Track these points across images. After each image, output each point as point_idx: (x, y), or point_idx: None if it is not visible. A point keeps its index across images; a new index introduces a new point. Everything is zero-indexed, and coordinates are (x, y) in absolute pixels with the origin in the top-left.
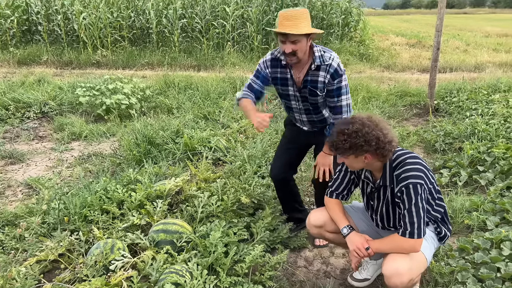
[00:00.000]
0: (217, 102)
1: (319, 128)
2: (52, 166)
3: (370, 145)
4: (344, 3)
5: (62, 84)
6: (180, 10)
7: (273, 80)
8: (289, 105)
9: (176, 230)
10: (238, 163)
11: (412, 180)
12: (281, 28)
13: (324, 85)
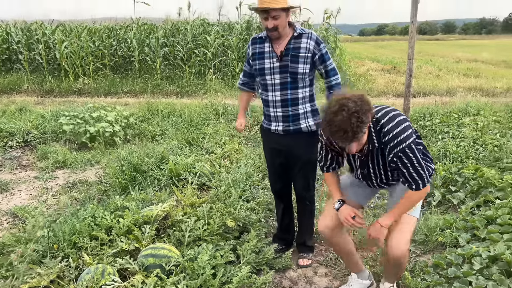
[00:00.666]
0: (200, 128)
1: (293, 128)
2: (36, 195)
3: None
4: (321, 32)
5: (45, 113)
6: (162, 38)
7: (252, 56)
8: (264, 86)
9: (165, 254)
10: (223, 188)
11: (404, 143)
12: (261, 5)
13: (308, 51)
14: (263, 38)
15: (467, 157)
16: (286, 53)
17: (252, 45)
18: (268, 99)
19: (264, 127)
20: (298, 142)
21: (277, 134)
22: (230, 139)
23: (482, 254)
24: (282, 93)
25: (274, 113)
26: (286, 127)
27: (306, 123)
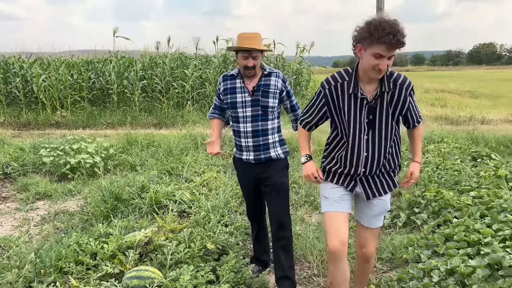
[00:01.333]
0: (179, 158)
1: (264, 157)
2: (18, 226)
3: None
4: (295, 65)
5: (23, 145)
6: (140, 71)
7: (224, 92)
8: (236, 118)
9: (148, 276)
10: (202, 214)
11: (412, 83)
12: (245, 45)
13: (276, 88)
14: (234, 75)
15: (430, 181)
16: (257, 89)
17: (224, 82)
18: (239, 130)
19: (236, 157)
20: (269, 169)
21: (249, 163)
22: (209, 168)
23: (440, 268)
24: (253, 124)
25: (245, 143)
26: (257, 156)
27: (275, 151)
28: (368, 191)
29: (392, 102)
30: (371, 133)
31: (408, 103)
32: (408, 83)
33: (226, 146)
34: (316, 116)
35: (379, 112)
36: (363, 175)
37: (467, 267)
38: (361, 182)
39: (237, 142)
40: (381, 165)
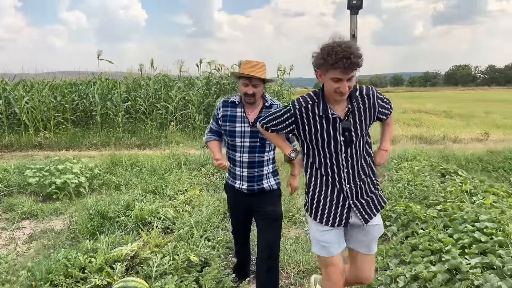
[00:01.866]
0: (163, 177)
1: (257, 188)
2: (5, 244)
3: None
4: (276, 87)
5: (7, 167)
6: (124, 93)
7: (222, 118)
8: (233, 147)
9: (135, 286)
10: (186, 229)
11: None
12: (246, 72)
13: None
14: (235, 103)
15: (401, 196)
16: (258, 120)
17: (223, 108)
18: (235, 159)
19: (229, 183)
20: (262, 199)
21: (241, 192)
22: (192, 186)
23: (406, 274)
24: (250, 155)
25: (240, 172)
26: (251, 187)
27: (268, 182)
28: (364, 214)
29: (365, 114)
30: (349, 150)
31: (380, 108)
32: (371, 90)
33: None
34: (280, 124)
35: (353, 128)
36: (353, 197)
37: (429, 272)
38: (356, 207)
39: (231, 169)
40: (364, 177)
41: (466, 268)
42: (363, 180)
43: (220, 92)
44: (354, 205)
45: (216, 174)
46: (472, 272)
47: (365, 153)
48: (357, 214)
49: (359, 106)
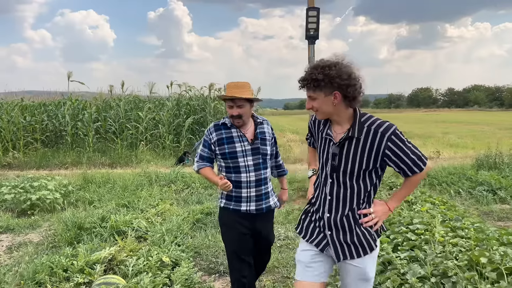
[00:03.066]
0: (135, 193)
1: (265, 206)
2: None
3: (342, 79)
4: None
5: None
6: (94, 114)
7: (218, 141)
8: (236, 168)
9: (114, 281)
10: (158, 235)
11: (393, 126)
12: (231, 94)
13: (269, 135)
14: (227, 125)
15: None
16: (256, 137)
17: (216, 132)
18: (241, 180)
19: (230, 209)
20: (266, 220)
21: (248, 215)
22: (163, 201)
23: None
24: (256, 173)
25: (247, 193)
26: (259, 206)
27: (273, 199)
28: (339, 249)
29: (363, 150)
30: (335, 178)
31: (389, 151)
32: (385, 127)
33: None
34: (310, 137)
35: (345, 158)
36: (331, 228)
37: None
38: (331, 239)
39: (235, 194)
40: (350, 213)
41: (396, 261)
42: (350, 215)
43: (190, 112)
44: (331, 237)
45: (186, 190)
46: (400, 263)
47: (361, 190)
48: (332, 248)
49: (359, 137)
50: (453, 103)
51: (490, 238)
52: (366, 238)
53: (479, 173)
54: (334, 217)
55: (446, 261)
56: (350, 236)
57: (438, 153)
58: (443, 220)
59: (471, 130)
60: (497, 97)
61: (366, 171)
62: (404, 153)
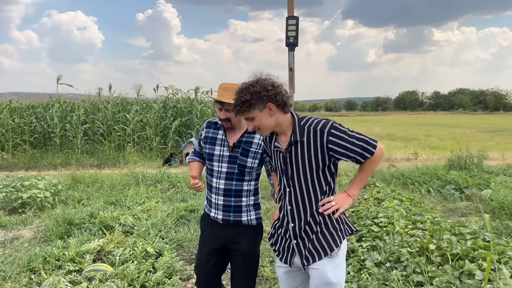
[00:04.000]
0: (122, 192)
1: (233, 220)
2: None
3: (267, 90)
4: None
5: None
6: (83, 116)
7: (204, 139)
8: (210, 171)
9: (103, 269)
10: (144, 229)
11: (330, 121)
12: (219, 97)
13: (259, 147)
14: (218, 125)
15: None
16: (237, 145)
17: (207, 128)
18: (212, 184)
19: (205, 211)
20: (240, 235)
21: (216, 223)
22: (149, 199)
23: None
24: (226, 182)
25: (215, 200)
26: (226, 217)
27: (247, 216)
28: (303, 256)
29: (310, 150)
30: (291, 186)
31: (333, 145)
32: (323, 123)
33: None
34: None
35: (295, 163)
36: (296, 237)
37: None
38: (298, 247)
39: (208, 197)
40: (311, 220)
41: (359, 249)
42: (311, 220)
43: (176, 115)
44: (297, 246)
45: (171, 189)
46: (361, 251)
47: (317, 192)
48: (298, 255)
49: (302, 140)
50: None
51: (443, 229)
52: (326, 240)
53: (449, 173)
54: (299, 226)
55: (401, 249)
56: (313, 242)
57: (416, 154)
58: (406, 215)
59: (452, 133)
60: (482, 100)
61: (318, 171)
62: (348, 142)
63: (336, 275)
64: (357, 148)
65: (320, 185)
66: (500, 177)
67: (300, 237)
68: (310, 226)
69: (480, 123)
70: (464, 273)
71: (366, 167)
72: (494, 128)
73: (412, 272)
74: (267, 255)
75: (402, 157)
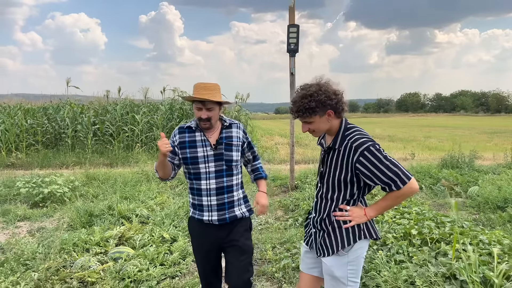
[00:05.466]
0: (135, 188)
1: (229, 216)
2: (9, 237)
3: (331, 99)
4: (233, 112)
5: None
6: (92, 117)
7: (180, 145)
8: (196, 175)
9: (126, 251)
10: (159, 219)
11: (368, 142)
12: (199, 95)
13: (239, 140)
14: (192, 128)
15: None
16: (220, 142)
17: (180, 134)
18: (201, 187)
19: (195, 218)
20: (235, 231)
21: (211, 225)
22: (160, 194)
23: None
24: (217, 180)
25: (207, 202)
26: (222, 216)
27: (240, 209)
28: (318, 247)
29: (341, 160)
30: (322, 182)
31: (361, 166)
32: (359, 143)
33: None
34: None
35: (328, 165)
36: (315, 226)
37: None
38: (314, 236)
39: (196, 202)
40: (327, 220)
41: None
42: (327, 219)
43: (182, 116)
44: (315, 234)
45: (180, 186)
46: None
47: (340, 197)
48: (314, 243)
49: (339, 149)
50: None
51: (426, 218)
52: (336, 240)
53: (441, 172)
54: (317, 218)
55: (387, 234)
56: (324, 238)
57: (413, 155)
58: (397, 207)
59: (452, 134)
60: (483, 102)
61: (346, 180)
62: (377, 169)
63: (341, 273)
64: (385, 178)
65: (344, 193)
66: (489, 176)
67: (317, 228)
68: (325, 223)
69: (480, 125)
70: (440, 253)
71: (390, 198)
72: (493, 130)
73: (395, 253)
74: (269, 242)
75: (399, 157)
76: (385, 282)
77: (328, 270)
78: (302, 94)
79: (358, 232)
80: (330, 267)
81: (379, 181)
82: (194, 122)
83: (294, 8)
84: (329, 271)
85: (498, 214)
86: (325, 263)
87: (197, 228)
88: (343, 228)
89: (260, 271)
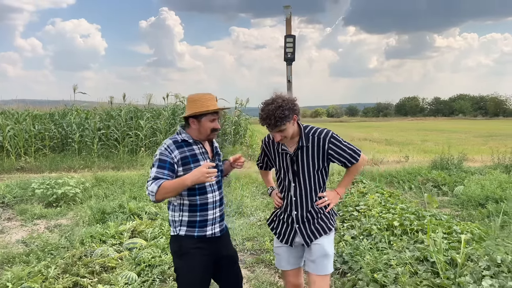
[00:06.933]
0: (142, 189)
1: (225, 227)
2: (30, 232)
3: (295, 105)
4: (234, 117)
5: (8, 184)
6: (98, 123)
7: (183, 160)
8: (202, 190)
9: (138, 241)
10: (167, 215)
11: (330, 131)
12: (217, 107)
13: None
14: (189, 142)
15: None
16: (217, 153)
17: (178, 149)
18: (207, 201)
19: (195, 236)
20: (226, 240)
21: (212, 239)
22: None
23: None
24: (219, 192)
25: (213, 215)
26: (222, 227)
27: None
28: (306, 236)
29: (313, 153)
30: (297, 181)
31: (331, 151)
32: (325, 133)
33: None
34: (262, 161)
35: (301, 164)
36: (298, 222)
37: None
38: (300, 230)
39: (198, 218)
40: (311, 209)
41: (340, 228)
42: (310, 212)
43: None
44: (299, 229)
45: None
46: (342, 229)
47: (317, 187)
48: (300, 237)
49: (307, 145)
50: (439, 112)
51: (409, 212)
52: (324, 222)
53: (431, 173)
54: (301, 214)
55: (373, 226)
56: (313, 224)
57: (407, 157)
58: (384, 204)
59: (448, 138)
60: (481, 106)
61: (318, 171)
62: (342, 149)
63: (331, 249)
64: (347, 155)
65: (319, 181)
66: (475, 176)
67: (302, 222)
68: (311, 214)
69: (478, 128)
70: (417, 241)
71: (351, 170)
72: (490, 133)
73: (379, 241)
74: (267, 235)
75: (393, 160)
76: (367, 264)
77: (322, 250)
78: (274, 107)
79: (334, 216)
80: (323, 246)
81: (345, 158)
82: (185, 135)
83: (291, 20)
84: (323, 250)
85: (478, 210)
86: (319, 244)
87: (196, 245)
88: (326, 211)
89: (259, 259)
